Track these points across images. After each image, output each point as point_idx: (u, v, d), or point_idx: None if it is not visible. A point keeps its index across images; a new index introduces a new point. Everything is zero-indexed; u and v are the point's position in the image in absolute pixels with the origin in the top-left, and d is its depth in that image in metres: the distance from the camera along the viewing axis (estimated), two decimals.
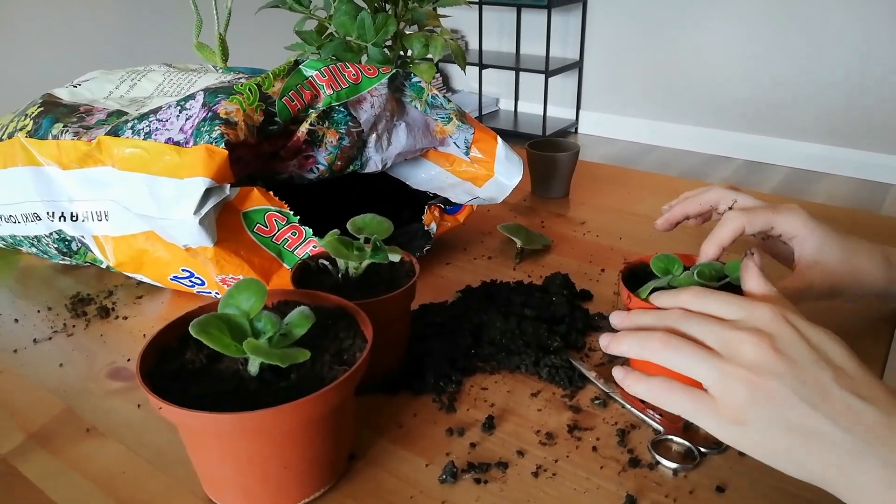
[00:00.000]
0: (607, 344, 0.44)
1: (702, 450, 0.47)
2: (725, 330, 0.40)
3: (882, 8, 2.87)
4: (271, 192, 0.61)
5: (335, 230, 0.54)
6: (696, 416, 0.39)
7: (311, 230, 0.62)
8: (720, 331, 0.40)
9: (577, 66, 3.70)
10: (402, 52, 0.91)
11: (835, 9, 2.96)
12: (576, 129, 3.87)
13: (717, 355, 0.39)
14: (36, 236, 0.70)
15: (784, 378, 0.37)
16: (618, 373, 0.42)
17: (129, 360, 0.59)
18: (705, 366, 0.39)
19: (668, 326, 0.42)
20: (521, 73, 3.83)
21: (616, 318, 0.46)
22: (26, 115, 0.70)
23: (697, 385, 0.39)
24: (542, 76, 3.55)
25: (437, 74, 0.86)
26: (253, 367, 0.41)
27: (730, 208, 0.60)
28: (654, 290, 0.51)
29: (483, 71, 3.75)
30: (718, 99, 3.40)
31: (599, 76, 3.72)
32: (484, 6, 3.66)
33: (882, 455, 0.35)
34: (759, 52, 3.20)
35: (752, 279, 0.45)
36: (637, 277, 0.53)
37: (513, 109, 4.03)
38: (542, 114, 3.68)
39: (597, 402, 0.52)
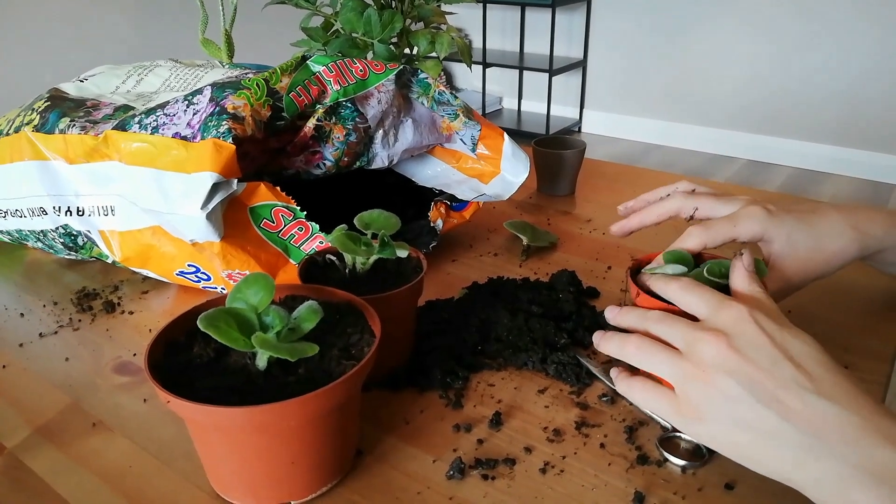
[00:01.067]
0: (598, 342, 0.47)
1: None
2: (688, 330, 0.42)
3: (888, 9, 2.86)
4: (278, 188, 0.61)
5: (342, 225, 0.54)
6: (661, 413, 0.42)
7: (317, 226, 0.62)
8: (684, 331, 0.42)
9: (581, 64, 3.69)
10: (407, 49, 0.91)
11: (840, 9, 2.95)
12: (579, 128, 3.86)
13: (680, 355, 0.41)
14: (42, 231, 0.70)
15: (736, 376, 0.38)
16: (612, 372, 0.47)
17: (135, 354, 0.59)
18: (668, 366, 0.41)
19: (645, 329, 0.45)
20: (525, 72, 3.83)
21: (609, 314, 0.49)
22: (33, 109, 0.70)
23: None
24: (546, 75, 3.55)
25: (442, 73, 0.86)
26: (261, 361, 0.41)
27: (690, 218, 0.59)
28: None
29: (487, 69, 3.75)
30: (723, 98, 3.39)
31: (603, 75, 3.71)
32: (488, 4, 3.66)
33: (841, 452, 0.35)
34: (763, 51, 3.19)
35: (738, 279, 0.46)
36: None
37: (516, 108, 4.03)
38: (545, 113, 3.68)
39: (604, 398, 0.52)
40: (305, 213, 0.62)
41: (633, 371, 0.46)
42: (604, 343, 0.46)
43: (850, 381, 0.38)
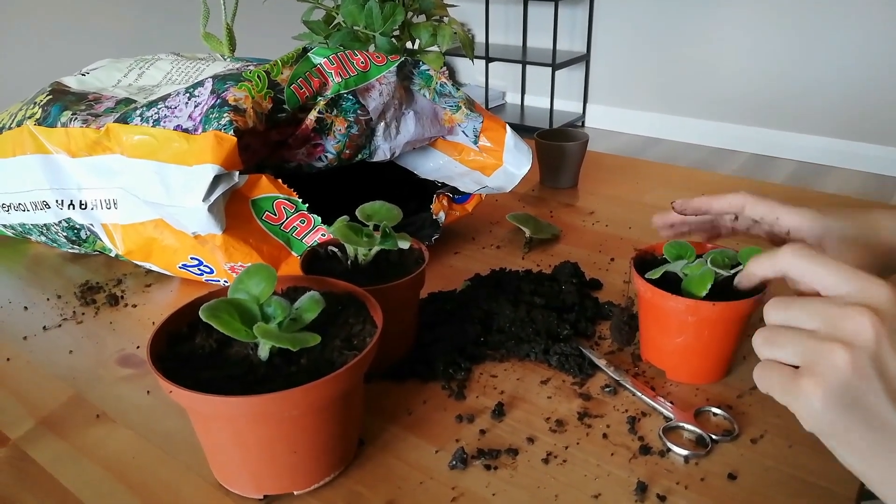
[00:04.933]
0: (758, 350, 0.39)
1: (713, 437, 0.46)
2: (830, 307, 0.35)
3: (891, 1, 2.85)
4: (280, 180, 0.61)
5: (344, 216, 0.54)
6: (773, 387, 0.36)
7: (319, 218, 0.62)
8: (824, 310, 0.35)
9: (584, 59, 3.68)
10: (409, 43, 0.91)
11: (844, 2, 2.94)
12: (583, 122, 3.85)
13: (814, 333, 0.35)
14: (45, 224, 0.70)
15: (881, 360, 0.33)
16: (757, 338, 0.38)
17: (138, 347, 0.59)
18: (799, 343, 0.35)
19: (770, 322, 0.37)
20: (528, 67, 3.82)
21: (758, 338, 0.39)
22: (35, 103, 0.70)
23: (703, 353, 0.38)
24: (549, 69, 3.54)
25: (444, 67, 0.85)
26: (263, 351, 0.41)
27: (735, 218, 0.56)
28: (666, 273, 0.51)
29: (489, 64, 3.74)
30: (726, 92, 3.38)
31: (606, 69, 3.70)
32: None
33: None
34: (767, 44, 3.18)
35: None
36: (648, 265, 0.53)
37: (519, 103, 4.02)
38: (548, 107, 3.67)
39: (607, 389, 0.52)
40: (307, 205, 0.62)
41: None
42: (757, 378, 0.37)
43: None
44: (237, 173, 0.58)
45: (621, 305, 0.60)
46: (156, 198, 0.59)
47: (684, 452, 0.45)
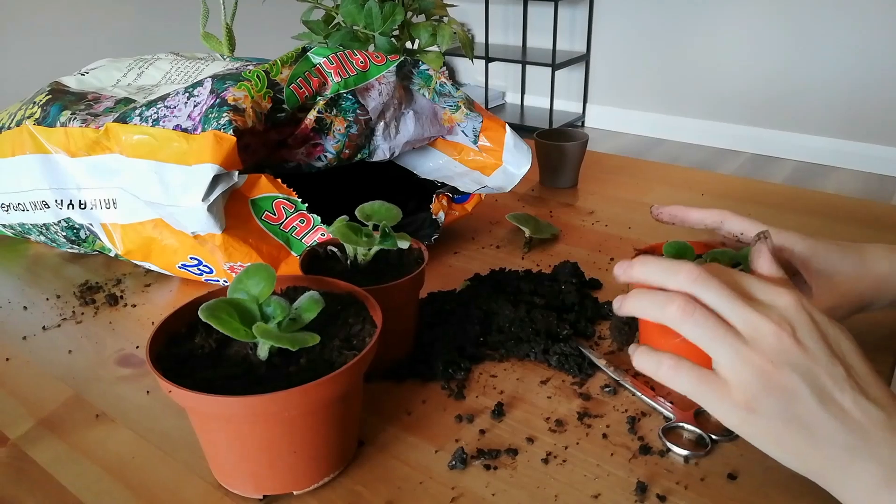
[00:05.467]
0: (619, 305, 0.42)
1: (713, 437, 0.46)
2: (749, 311, 0.37)
3: (891, 1, 2.85)
4: (279, 180, 0.61)
5: (344, 216, 0.54)
6: (703, 398, 0.38)
7: (319, 218, 0.62)
8: (744, 311, 0.38)
9: (584, 59, 3.68)
10: (409, 43, 0.91)
11: (844, 2, 2.94)
12: (582, 122, 3.85)
13: (739, 337, 0.37)
14: (44, 224, 0.70)
15: (800, 371, 0.36)
16: (632, 348, 0.41)
17: (137, 347, 0.59)
18: (725, 346, 0.37)
19: (686, 291, 0.39)
20: (528, 67, 3.82)
21: (619, 269, 0.43)
22: (34, 102, 0.70)
23: (704, 357, 0.38)
24: (549, 69, 3.54)
25: (444, 68, 0.85)
26: (262, 351, 0.41)
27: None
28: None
29: (489, 64, 3.74)
30: (726, 92, 3.38)
31: (606, 69, 3.70)
32: None
33: (878, 454, 0.35)
34: (767, 44, 3.18)
35: (764, 262, 0.43)
36: None
37: (519, 103, 4.02)
38: (548, 107, 3.67)
39: (607, 389, 0.52)
40: (307, 205, 0.62)
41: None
42: (630, 301, 0.41)
43: (881, 380, 0.37)
44: (236, 173, 0.58)
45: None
46: (155, 197, 0.59)
47: (684, 452, 0.45)
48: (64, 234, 0.70)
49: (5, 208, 0.72)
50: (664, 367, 0.39)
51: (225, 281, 0.65)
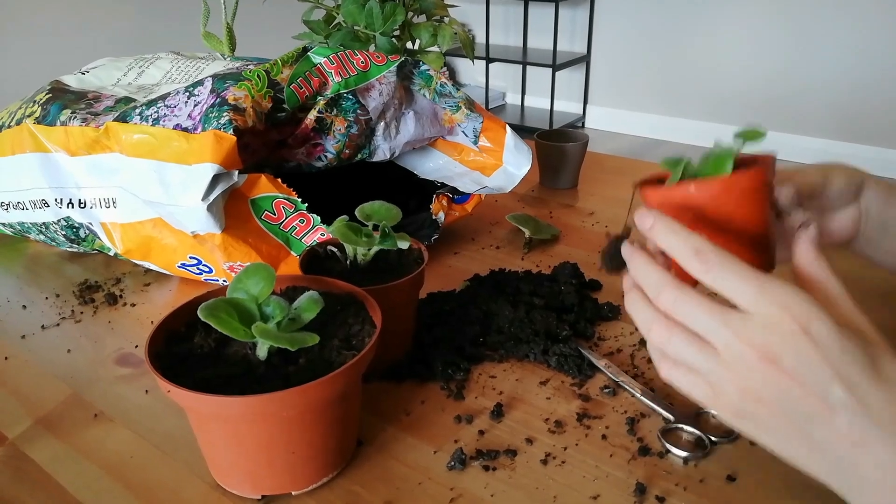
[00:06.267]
0: (628, 304, 0.41)
1: (712, 438, 0.46)
2: (727, 332, 0.35)
3: (891, 2, 2.85)
4: (279, 180, 0.61)
5: (343, 216, 0.54)
6: (699, 400, 0.38)
7: (318, 218, 0.62)
8: (722, 331, 0.36)
9: (585, 60, 3.68)
10: (410, 43, 0.91)
11: (844, 3, 2.94)
12: (583, 123, 3.85)
13: (715, 354, 0.36)
14: (44, 223, 0.70)
15: (784, 398, 0.35)
16: (626, 285, 0.41)
17: (136, 346, 0.59)
18: (702, 362, 0.36)
19: (666, 310, 0.38)
20: (529, 67, 3.82)
21: (641, 220, 0.41)
22: (34, 101, 0.70)
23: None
24: (550, 70, 3.54)
25: (444, 68, 0.85)
26: (261, 351, 0.41)
27: None
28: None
29: (490, 65, 3.74)
30: (726, 94, 3.38)
31: (607, 70, 3.70)
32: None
33: (875, 478, 0.34)
34: (767, 46, 3.18)
35: (803, 255, 0.39)
36: None
37: (520, 103, 4.02)
38: (549, 108, 3.67)
39: (606, 390, 0.52)
40: (307, 205, 0.62)
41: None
42: (627, 301, 0.40)
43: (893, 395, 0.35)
44: (236, 172, 0.58)
45: (616, 234, 0.50)
46: (155, 197, 0.59)
47: (683, 454, 0.45)
48: (63, 232, 0.70)
49: (5, 207, 0.72)
50: (673, 374, 0.38)
51: (224, 280, 0.65)
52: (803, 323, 0.34)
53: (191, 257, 0.64)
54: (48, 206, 0.68)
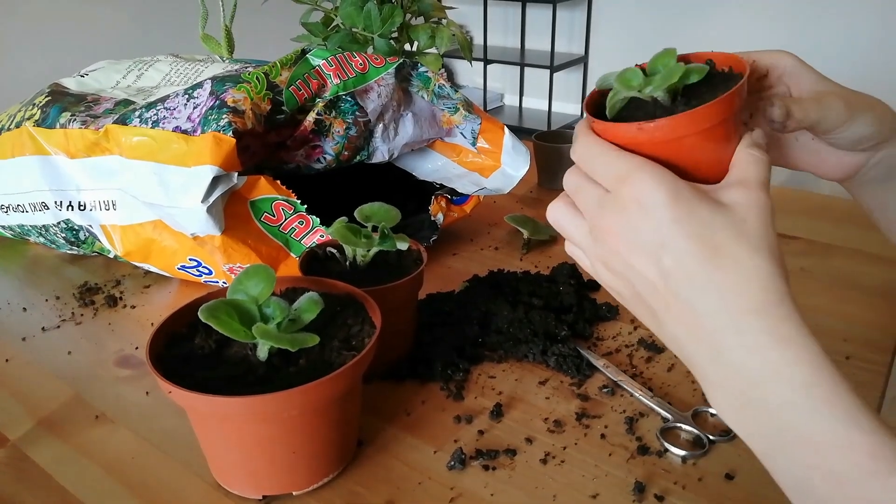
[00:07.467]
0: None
1: (710, 437, 0.47)
2: (592, 209, 0.37)
3: (888, 3, 2.85)
4: (278, 181, 0.61)
5: (343, 218, 0.54)
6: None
7: (318, 219, 0.62)
8: (589, 208, 0.37)
9: (583, 61, 3.69)
10: (408, 45, 0.91)
11: (841, 7, 2.95)
12: None
13: (585, 226, 0.38)
14: (44, 226, 0.70)
15: (626, 273, 0.36)
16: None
17: (137, 348, 0.59)
18: (577, 236, 0.38)
19: (572, 195, 0.39)
20: (526, 69, 3.82)
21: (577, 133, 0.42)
22: (34, 104, 0.70)
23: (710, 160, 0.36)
24: (547, 71, 3.54)
25: (442, 69, 0.86)
26: (262, 352, 0.41)
27: None
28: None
29: (488, 66, 3.74)
30: None
31: (605, 72, 3.70)
32: (489, 1, 3.65)
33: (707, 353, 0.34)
34: (764, 47, 3.18)
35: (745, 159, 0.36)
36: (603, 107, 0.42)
37: (517, 105, 4.02)
38: (546, 109, 3.67)
39: (605, 390, 0.52)
40: (306, 206, 0.62)
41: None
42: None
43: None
44: (236, 174, 0.58)
45: None
46: (155, 199, 0.59)
47: (682, 452, 0.45)
48: (63, 235, 0.70)
49: (5, 210, 0.72)
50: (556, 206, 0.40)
51: (224, 282, 0.65)
52: (638, 195, 0.34)
53: (190, 259, 0.64)
54: (48, 208, 0.68)
